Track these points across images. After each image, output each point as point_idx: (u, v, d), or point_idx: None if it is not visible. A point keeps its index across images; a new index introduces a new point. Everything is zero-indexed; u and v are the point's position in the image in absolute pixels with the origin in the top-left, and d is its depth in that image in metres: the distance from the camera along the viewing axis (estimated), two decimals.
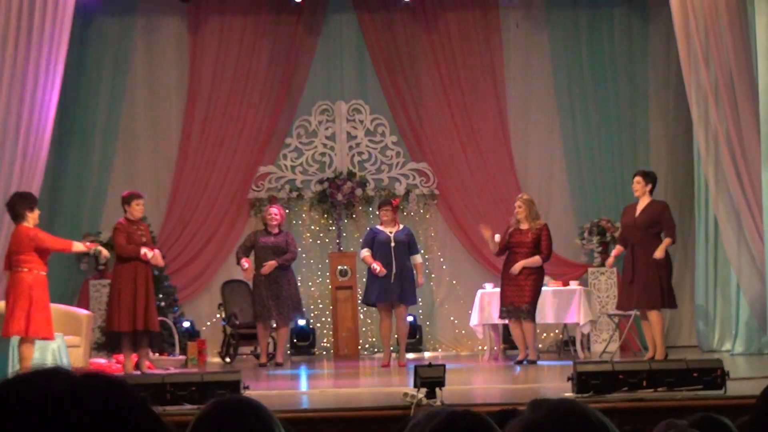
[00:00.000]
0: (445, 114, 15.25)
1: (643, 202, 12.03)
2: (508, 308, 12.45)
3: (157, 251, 11.90)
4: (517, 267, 12.32)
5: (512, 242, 12.48)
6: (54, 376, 1.34)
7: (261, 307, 12.94)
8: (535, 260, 12.38)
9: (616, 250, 12.50)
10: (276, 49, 15.16)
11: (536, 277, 12.42)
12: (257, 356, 13.65)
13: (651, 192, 12.06)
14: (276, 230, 13.15)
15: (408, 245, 12.64)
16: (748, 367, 11.56)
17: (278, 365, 12.98)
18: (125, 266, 11.73)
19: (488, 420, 2.22)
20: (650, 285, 11.78)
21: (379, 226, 12.78)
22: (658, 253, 11.78)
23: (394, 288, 12.45)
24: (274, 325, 13.18)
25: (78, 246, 11.29)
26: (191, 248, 14.99)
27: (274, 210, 13.30)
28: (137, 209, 11.88)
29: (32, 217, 10.78)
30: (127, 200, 11.95)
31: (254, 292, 13.12)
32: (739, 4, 12.81)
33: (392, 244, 12.55)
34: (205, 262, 15.04)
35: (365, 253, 12.64)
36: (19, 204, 10.80)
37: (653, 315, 11.90)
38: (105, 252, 12.12)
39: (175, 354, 13.43)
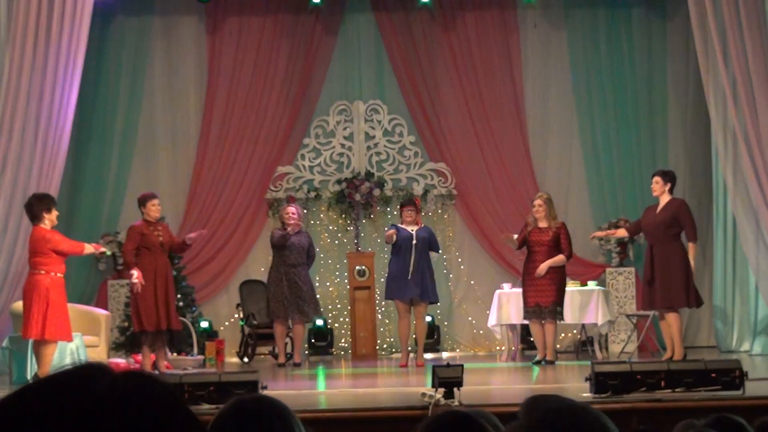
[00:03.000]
0: (463, 114, 15.24)
1: (663, 201, 11.99)
2: (533, 309, 12.39)
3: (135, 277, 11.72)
4: (542, 268, 12.25)
5: (532, 241, 12.43)
6: (98, 374, 1.34)
7: (278, 306, 12.92)
8: (560, 259, 12.34)
9: (618, 231, 12.49)
10: (294, 49, 15.18)
11: (559, 276, 12.38)
12: (275, 356, 13.66)
13: (671, 191, 12.02)
14: (297, 229, 13.11)
15: (429, 243, 12.67)
16: (767, 367, 11.53)
17: (296, 365, 12.98)
18: (143, 266, 11.72)
19: (478, 421, 2.23)
20: (673, 285, 11.73)
21: (400, 225, 12.79)
22: (692, 262, 11.77)
23: (414, 285, 12.46)
24: (291, 325, 13.18)
25: (89, 248, 11.29)
26: (209, 248, 15.01)
27: (292, 209, 13.29)
28: (153, 209, 11.87)
29: (49, 219, 10.79)
30: (142, 202, 11.96)
31: (271, 290, 13.07)
32: (758, 1, 12.77)
33: (414, 242, 12.55)
34: (224, 263, 15.07)
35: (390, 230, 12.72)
36: (36, 205, 10.82)
37: (671, 316, 11.86)
38: (107, 252, 12.14)
39: (194, 354, 13.46)
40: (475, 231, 15.29)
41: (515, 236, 12.61)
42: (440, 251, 13.25)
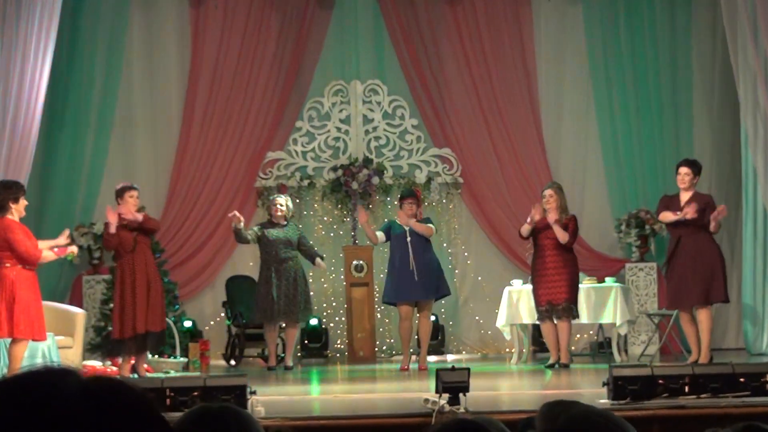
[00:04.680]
0: (470, 95, 15.25)
1: (687, 194, 11.98)
2: (546, 307, 12.42)
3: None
4: (552, 218, 12.36)
5: (540, 235, 12.45)
6: (67, 376, 1.36)
7: (268, 306, 12.98)
8: (563, 234, 12.36)
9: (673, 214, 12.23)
10: (285, 24, 15.18)
11: (570, 270, 12.40)
12: (265, 358, 13.70)
13: (696, 183, 12.05)
14: (283, 221, 13.20)
15: (425, 238, 12.69)
16: None
17: (287, 369, 13.03)
18: (120, 263, 11.79)
19: (489, 429, 2.24)
20: (708, 278, 11.74)
21: (397, 219, 12.81)
22: (714, 227, 11.77)
23: (416, 285, 12.49)
24: (283, 325, 13.23)
25: (48, 256, 10.93)
26: (193, 242, 15.03)
27: (281, 200, 13.35)
28: (131, 202, 11.89)
29: (17, 209, 10.72)
30: (119, 193, 11.96)
31: (260, 289, 13.13)
32: None
33: (408, 239, 12.58)
34: (208, 257, 15.09)
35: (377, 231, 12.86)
36: (2, 194, 10.76)
37: (704, 312, 11.86)
38: (76, 251, 11.75)
39: (176, 356, 13.48)
40: (483, 223, 15.30)
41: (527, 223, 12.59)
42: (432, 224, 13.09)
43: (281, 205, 13.26)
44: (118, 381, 1.39)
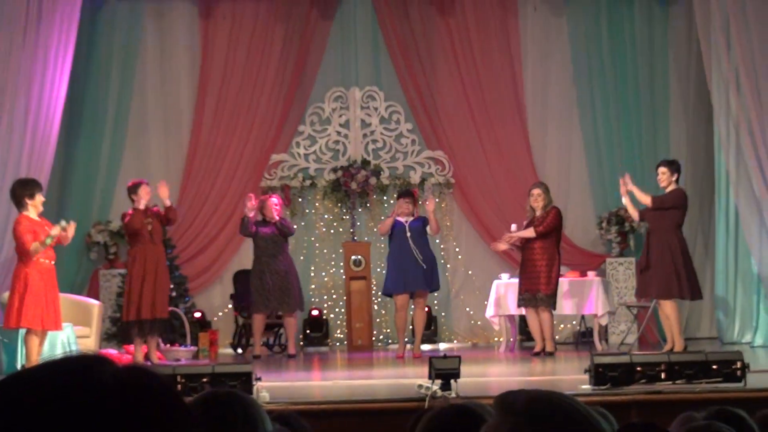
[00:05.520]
0: (461, 101, 15.24)
1: (668, 191, 11.98)
2: (524, 296, 12.50)
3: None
4: (507, 237, 12.55)
5: (521, 241, 12.53)
6: (100, 364, 1.36)
7: (259, 300, 13.00)
8: (529, 232, 12.40)
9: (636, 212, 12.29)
10: (289, 34, 15.16)
11: (548, 262, 12.41)
12: (270, 347, 13.71)
13: (677, 181, 12.02)
14: (273, 219, 13.20)
15: (424, 231, 12.75)
16: None
17: (291, 357, 13.03)
18: (133, 253, 11.86)
19: (482, 415, 2.25)
20: (666, 274, 11.74)
21: (397, 217, 12.85)
22: (644, 198, 11.84)
23: (414, 276, 12.55)
24: (279, 314, 13.26)
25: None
26: (203, 237, 15.02)
27: (274, 200, 13.34)
28: (143, 195, 11.97)
29: (33, 205, 10.64)
30: (132, 189, 12.03)
31: (254, 281, 13.15)
32: None
33: (408, 234, 12.63)
34: (217, 252, 15.08)
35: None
36: (18, 191, 10.67)
37: (667, 306, 11.87)
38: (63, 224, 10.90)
39: (187, 345, 13.48)
40: (473, 220, 15.30)
41: (513, 227, 12.61)
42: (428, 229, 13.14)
43: (276, 206, 13.26)
44: (147, 369, 1.38)
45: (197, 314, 14.35)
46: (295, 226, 13.74)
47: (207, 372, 8.37)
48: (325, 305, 15.01)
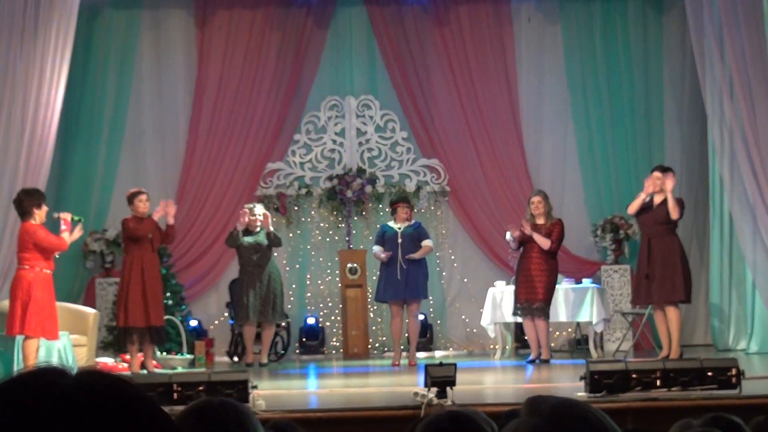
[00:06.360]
0: (456, 109, 15.25)
1: (660, 197, 11.99)
2: (522, 305, 12.48)
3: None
4: (527, 228, 12.37)
5: (528, 238, 12.46)
6: (59, 373, 1.34)
7: (243, 309, 13.02)
8: (545, 242, 12.36)
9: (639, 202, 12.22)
10: (284, 43, 15.16)
11: (549, 274, 12.42)
12: (267, 355, 13.73)
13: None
14: (257, 230, 13.19)
15: (417, 238, 12.75)
16: (764, 366, 11.56)
17: (262, 366, 12.99)
18: (130, 259, 11.87)
19: (478, 422, 2.24)
20: (671, 279, 11.76)
21: (390, 223, 12.87)
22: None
23: (401, 283, 12.55)
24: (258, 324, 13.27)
25: (66, 238, 11.05)
26: (199, 246, 15.00)
27: (258, 211, 13.31)
28: (141, 205, 12.01)
29: (39, 214, 10.76)
30: (130, 199, 12.07)
31: (238, 292, 13.17)
32: None
33: (399, 240, 12.64)
34: (213, 260, 15.06)
35: (376, 249, 12.82)
36: (25, 201, 10.77)
37: (672, 311, 11.88)
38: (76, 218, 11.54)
39: (183, 353, 13.46)
40: (469, 228, 15.29)
41: (514, 233, 12.58)
42: (429, 239, 13.15)
43: (259, 215, 13.24)
44: (109, 374, 1.36)
45: (193, 323, 14.32)
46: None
47: (203, 380, 8.36)
48: (321, 313, 14.99)
